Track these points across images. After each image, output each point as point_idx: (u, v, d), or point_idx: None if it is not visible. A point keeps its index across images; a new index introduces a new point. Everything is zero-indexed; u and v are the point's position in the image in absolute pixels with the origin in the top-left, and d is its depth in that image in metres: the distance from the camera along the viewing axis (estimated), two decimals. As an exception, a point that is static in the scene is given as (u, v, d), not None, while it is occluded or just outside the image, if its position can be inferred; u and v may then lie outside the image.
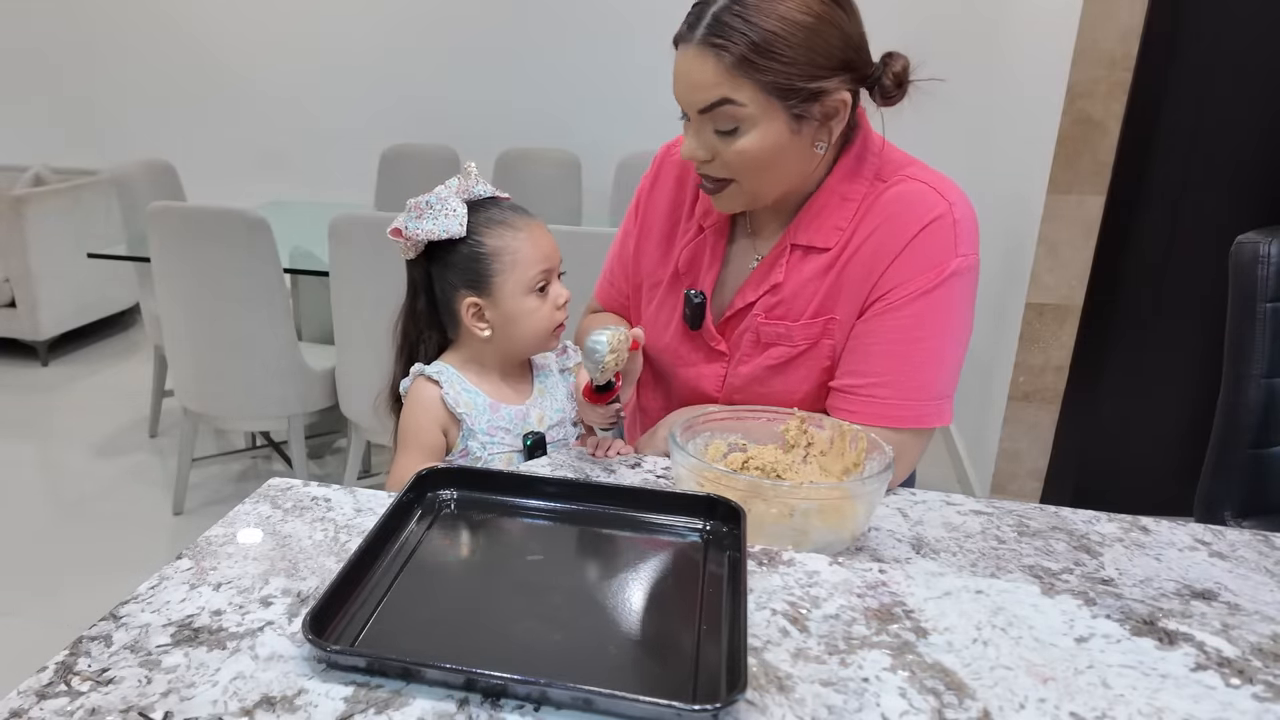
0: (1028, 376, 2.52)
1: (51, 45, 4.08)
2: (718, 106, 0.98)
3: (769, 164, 1.02)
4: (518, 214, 1.11)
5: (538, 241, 1.10)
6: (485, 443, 1.12)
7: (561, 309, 1.13)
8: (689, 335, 1.18)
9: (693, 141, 1.03)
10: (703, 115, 1.00)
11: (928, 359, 1.04)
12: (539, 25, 3.67)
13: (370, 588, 0.71)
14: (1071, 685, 0.64)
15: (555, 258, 1.12)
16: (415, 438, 1.12)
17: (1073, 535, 0.92)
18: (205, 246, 2.30)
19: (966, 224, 1.03)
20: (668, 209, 1.22)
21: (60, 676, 0.62)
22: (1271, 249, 1.39)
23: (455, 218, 1.07)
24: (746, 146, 1.00)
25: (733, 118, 0.98)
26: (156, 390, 3.08)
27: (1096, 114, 2.28)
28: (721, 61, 0.96)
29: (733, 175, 1.04)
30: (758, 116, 0.98)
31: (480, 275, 1.09)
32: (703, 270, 1.17)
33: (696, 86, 0.98)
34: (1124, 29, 2.21)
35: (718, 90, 0.97)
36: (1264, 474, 1.44)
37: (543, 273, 1.10)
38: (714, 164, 1.03)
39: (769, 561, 0.79)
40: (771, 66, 0.95)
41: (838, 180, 1.06)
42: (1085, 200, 2.35)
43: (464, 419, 1.11)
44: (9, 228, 3.49)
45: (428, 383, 1.12)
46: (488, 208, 1.10)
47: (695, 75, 0.98)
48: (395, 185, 3.57)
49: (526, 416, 1.15)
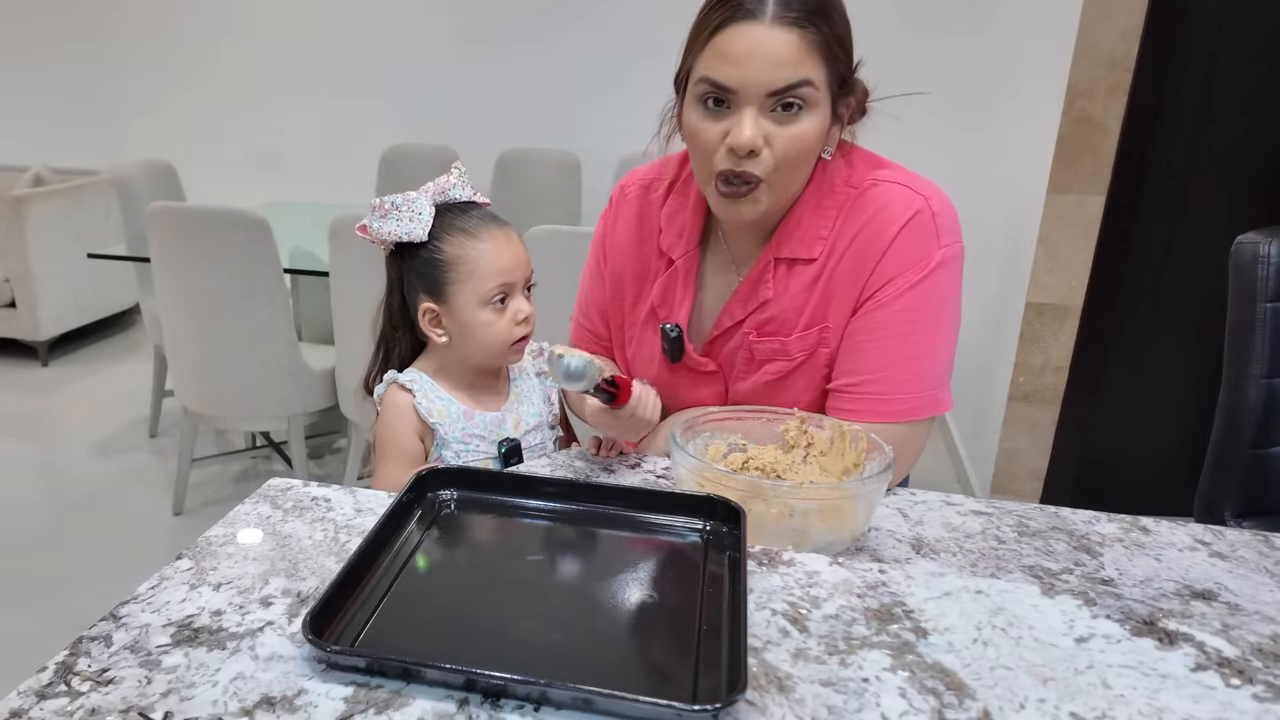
0: (1028, 376, 2.52)
1: (52, 45, 4.08)
2: (797, 88, 0.93)
3: (809, 157, 1.00)
4: (485, 223, 1.08)
5: (499, 254, 1.07)
6: (459, 451, 1.11)
7: (521, 324, 1.10)
8: (674, 367, 1.16)
9: (754, 126, 0.95)
10: (771, 98, 0.93)
11: (921, 351, 1.04)
12: (539, 26, 3.67)
13: (370, 588, 0.71)
14: (1071, 685, 0.64)
15: (518, 271, 1.09)
16: (393, 445, 1.11)
17: (1073, 535, 0.92)
18: (205, 246, 2.30)
19: (945, 215, 1.03)
20: (633, 248, 1.18)
21: (60, 676, 0.62)
22: (1271, 249, 1.39)
23: (419, 221, 1.05)
24: (804, 131, 0.95)
25: (803, 100, 0.94)
26: (156, 390, 3.08)
27: (1096, 114, 2.28)
28: (805, 38, 0.91)
29: (773, 169, 0.98)
30: (819, 102, 0.95)
31: (436, 282, 1.08)
32: (676, 302, 1.14)
33: (778, 64, 0.92)
34: (1124, 29, 2.21)
35: (800, 69, 0.92)
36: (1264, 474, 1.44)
37: (500, 286, 1.07)
38: (760, 157, 0.97)
39: (769, 561, 0.79)
40: (838, 54, 0.94)
41: (813, 190, 1.05)
42: (1085, 200, 2.35)
43: (437, 428, 1.10)
44: (9, 228, 3.49)
45: (400, 390, 1.11)
46: (457, 213, 1.08)
47: (778, 51, 0.91)
48: (395, 185, 3.54)
49: (502, 423, 1.14)
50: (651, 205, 1.17)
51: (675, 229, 1.14)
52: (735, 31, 0.93)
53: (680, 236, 1.13)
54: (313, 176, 3.97)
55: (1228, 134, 2.26)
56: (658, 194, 1.17)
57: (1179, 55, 2.23)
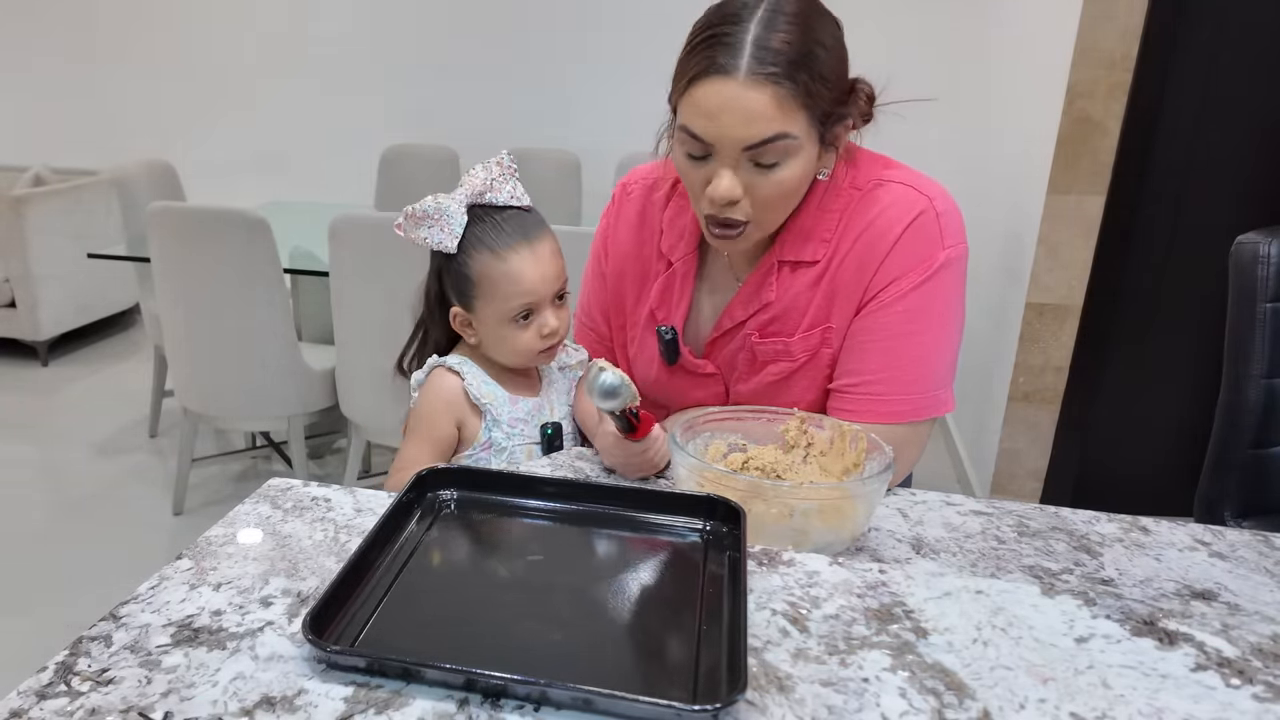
0: (1028, 376, 2.52)
1: (52, 45, 4.08)
2: (774, 141, 0.92)
3: (795, 195, 0.99)
4: (513, 238, 1.05)
5: (524, 274, 1.05)
6: (509, 433, 1.11)
7: (547, 337, 1.08)
8: (672, 370, 1.16)
9: (731, 181, 0.94)
10: (747, 151, 0.93)
11: (924, 352, 1.04)
12: (539, 26, 3.67)
13: (370, 588, 0.71)
14: (1071, 685, 0.64)
15: (544, 288, 1.06)
16: (428, 428, 1.11)
17: (1073, 535, 0.92)
18: (205, 246, 2.30)
19: (949, 215, 1.03)
20: (634, 248, 1.18)
21: (60, 676, 0.62)
22: (1271, 249, 1.39)
23: (449, 232, 1.04)
24: (785, 177, 0.95)
25: (783, 151, 0.93)
26: (156, 390, 3.08)
27: (1096, 114, 2.28)
28: (780, 93, 0.89)
29: (756, 213, 0.98)
30: (801, 148, 0.94)
31: (464, 293, 1.08)
32: (673, 305, 1.14)
33: (752, 120, 0.90)
34: (1124, 29, 2.21)
35: (775, 124, 0.91)
36: (1264, 474, 1.44)
37: (522, 305, 1.06)
38: (740, 205, 0.96)
39: (769, 561, 0.79)
40: (821, 93, 0.92)
41: (818, 195, 1.04)
42: (1085, 200, 2.35)
43: (488, 409, 1.10)
44: (9, 228, 3.49)
45: (448, 374, 1.11)
46: (489, 223, 1.06)
47: (751, 108, 0.90)
48: (395, 185, 3.57)
49: (542, 408, 1.15)
50: (654, 206, 1.17)
51: (676, 231, 1.14)
52: (709, 86, 0.91)
53: (681, 239, 1.13)
54: (313, 176, 3.97)
55: (1228, 133, 2.26)
56: (661, 194, 1.17)
57: (1179, 55, 2.23)
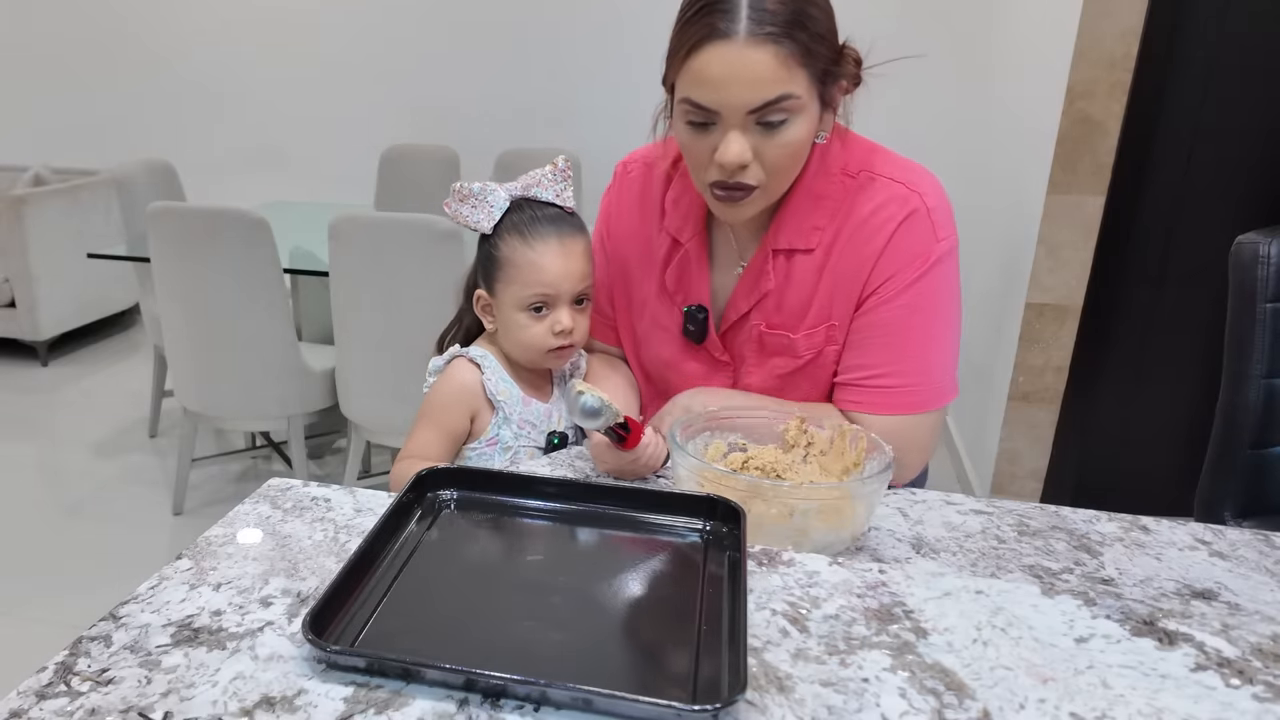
0: (1028, 376, 2.52)
1: (52, 45, 4.08)
2: (779, 102, 0.91)
3: (800, 156, 0.99)
4: (546, 230, 1.07)
5: (547, 265, 1.06)
6: (517, 433, 1.12)
7: (559, 335, 1.08)
8: (690, 349, 1.16)
9: (740, 143, 0.94)
10: (753, 114, 0.92)
11: (927, 344, 1.06)
12: (539, 25, 3.67)
13: (370, 588, 0.71)
14: (1071, 685, 0.64)
15: (564, 285, 1.07)
16: (442, 413, 1.11)
17: (1073, 535, 0.92)
18: (205, 246, 2.30)
19: (940, 210, 1.04)
20: (636, 225, 1.19)
21: (60, 677, 0.62)
22: (1271, 249, 1.39)
23: (488, 213, 1.06)
24: (791, 139, 0.94)
25: (786, 111, 0.92)
26: (156, 390, 3.08)
27: (1096, 114, 2.28)
28: (780, 51, 0.89)
29: (765, 177, 0.97)
30: (805, 106, 0.93)
31: (489, 275, 1.10)
32: (694, 285, 1.14)
33: (756, 83, 0.90)
34: (1124, 29, 2.21)
35: (779, 85, 0.90)
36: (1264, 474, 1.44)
37: (538, 296, 1.06)
38: (751, 168, 0.96)
39: (769, 561, 0.79)
40: (819, 51, 0.92)
41: (809, 179, 1.05)
42: (1085, 200, 2.35)
43: (501, 406, 1.11)
44: (9, 228, 3.49)
45: (469, 365, 1.11)
46: (529, 213, 1.07)
47: (755, 70, 0.89)
48: (395, 185, 3.57)
49: (551, 415, 1.16)
50: (654, 183, 1.17)
51: (681, 212, 1.14)
52: (710, 53, 0.90)
53: (687, 220, 1.13)
54: (313, 176, 3.97)
55: (1228, 133, 2.26)
56: (660, 171, 1.17)
57: (1179, 55, 2.23)
